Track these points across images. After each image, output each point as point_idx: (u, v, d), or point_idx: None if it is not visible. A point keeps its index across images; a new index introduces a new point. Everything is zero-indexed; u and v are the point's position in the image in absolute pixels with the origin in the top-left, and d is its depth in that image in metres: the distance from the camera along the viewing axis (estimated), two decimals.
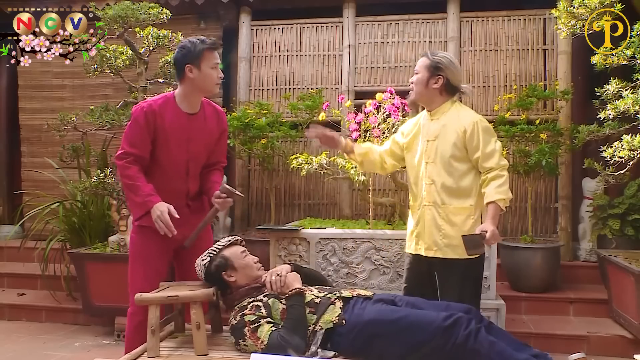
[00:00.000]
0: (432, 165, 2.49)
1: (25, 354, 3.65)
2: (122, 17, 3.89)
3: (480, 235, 2.33)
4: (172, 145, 2.51)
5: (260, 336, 2.07)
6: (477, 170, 2.47)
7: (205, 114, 2.61)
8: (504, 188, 2.38)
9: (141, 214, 2.47)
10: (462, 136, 2.44)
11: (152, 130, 2.47)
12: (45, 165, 5.17)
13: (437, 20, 4.95)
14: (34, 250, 4.50)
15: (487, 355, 1.95)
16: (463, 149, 2.45)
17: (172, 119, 2.50)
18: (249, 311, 2.15)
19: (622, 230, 4.23)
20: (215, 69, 2.50)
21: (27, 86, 5.70)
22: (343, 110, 4.54)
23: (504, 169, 2.41)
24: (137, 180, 2.45)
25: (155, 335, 2.15)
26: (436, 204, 2.48)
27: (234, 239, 2.43)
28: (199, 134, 2.57)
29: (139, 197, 2.45)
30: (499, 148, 2.44)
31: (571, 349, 2.67)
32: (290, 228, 3.58)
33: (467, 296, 2.41)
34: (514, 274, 4.13)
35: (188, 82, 2.49)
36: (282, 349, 2.00)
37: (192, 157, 2.58)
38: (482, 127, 2.44)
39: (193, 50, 2.44)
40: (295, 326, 2.09)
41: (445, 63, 2.49)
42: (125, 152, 2.46)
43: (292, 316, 2.12)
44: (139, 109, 2.49)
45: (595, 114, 3.43)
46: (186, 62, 2.45)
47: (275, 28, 5.20)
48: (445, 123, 2.49)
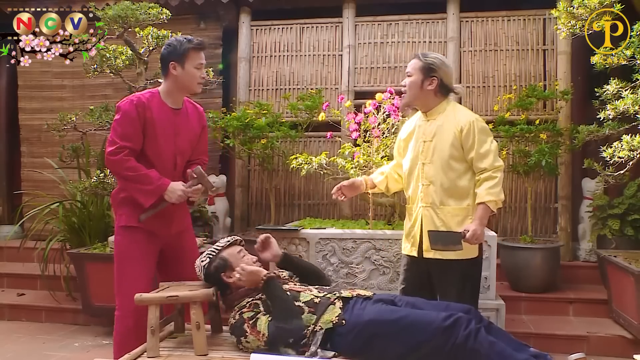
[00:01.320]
0: (430, 165, 2.49)
1: (25, 354, 3.65)
2: (121, 17, 3.89)
3: (459, 234, 2.32)
4: (160, 138, 2.53)
5: (260, 329, 2.09)
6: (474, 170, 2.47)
7: (187, 110, 2.67)
8: (495, 190, 2.36)
9: (154, 200, 2.49)
10: (458, 135, 2.44)
11: (142, 123, 2.50)
12: (45, 166, 5.17)
13: (437, 21, 4.95)
14: (33, 250, 4.50)
15: (487, 356, 1.95)
16: (460, 149, 2.45)
17: (159, 113, 2.54)
18: (247, 309, 2.17)
19: (621, 231, 4.23)
20: (199, 69, 2.56)
21: (27, 86, 5.70)
22: (343, 110, 4.55)
23: (498, 170, 2.40)
24: (140, 169, 2.48)
25: (155, 336, 2.15)
26: (434, 205, 2.47)
27: (233, 239, 2.43)
28: (183, 129, 2.62)
29: (150, 185, 2.47)
30: (494, 149, 2.43)
31: (571, 349, 2.66)
32: (290, 228, 3.58)
33: (465, 297, 2.41)
34: (513, 274, 4.13)
35: (172, 79, 2.55)
36: (283, 336, 2.05)
37: (179, 152, 2.62)
38: (478, 127, 2.43)
39: (178, 48, 2.51)
40: (283, 311, 2.11)
41: (438, 64, 2.48)
42: (119, 146, 2.46)
43: (274, 304, 2.14)
44: (127, 102, 2.51)
45: (595, 114, 3.43)
46: (171, 59, 2.51)
47: (275, 28, 5.20)
48: (442, 123, 2.49)
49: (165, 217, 2.58)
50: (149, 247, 2.58)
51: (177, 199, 2.49)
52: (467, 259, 2.42)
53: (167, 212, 2.56)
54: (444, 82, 2.50)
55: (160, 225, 2.58)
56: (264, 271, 2.24)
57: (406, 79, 2.55)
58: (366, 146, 3.65)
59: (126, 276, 2.54)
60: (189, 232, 2.80)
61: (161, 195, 2.49)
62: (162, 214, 2.55)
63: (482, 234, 2.37)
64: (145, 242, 2.55)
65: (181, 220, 2.70)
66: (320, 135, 4.89)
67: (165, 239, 2.63)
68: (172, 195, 2.49)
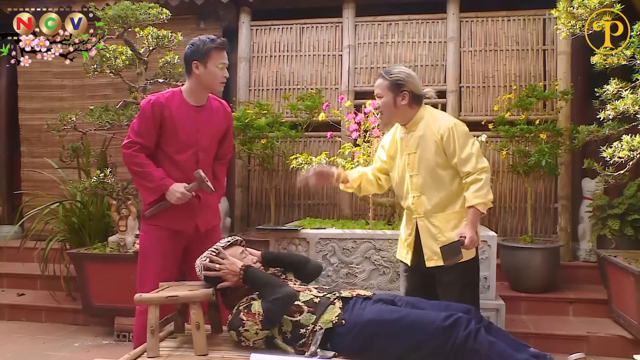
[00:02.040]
0: (417, 177, 2.50)
1: (25, 354, 3.65)
2: (121, 17, 3.89)
3: (459, 242, 2.34)
4: (180, 134, 2.60)
5: (254, 311, 2.11)
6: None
7: (211, 107, 2.72)
8: (482, 192, 2.37)
9: (155, 198, 2.57)
10: (440, 143, 2.45)
11: (159, 121, 2.57)
12: (45, 166, 5.17)
13: (437, 21, 4.95)
14: (33, 250, 4.50)
15: (487, 356, 1.95)
16: (444, 155, 2.46)
17: (179, 110, 2.60)
18: (244, 303, 2.19)
19: (621, 231, 4.22)
20: (222, 68, 2.60)
21: (27, 86, 5.70)
22: (343, 110, 4.55)
23: (482, 172, 2.39)
24: (146, 166, 2.55)
25: (155, 336, 2.15)
26: (427, 214, 2.49)
27: (234, 239, 2.44)
28: (206, 126, 2.67)
29: (152, 183, 2.55)
30: (476, 151, 2.42)
31: (571, 349, 2.66)
32: (290, 228, 3.58)
33: (466, 298, 2.42)
34: (513, 274, 4.13)
35: (194, 78, 2.60)
36: (277, 309, 2.09)
37: (201, 148, 2.66)
38: (457, 132, 2.43)
39: (201, 48, 2.55)
40: (268, 285, 2.16)
41: (404, 77, 2.48)
42: (131, 140, 2.58)
43: (258, 284, 2.18)
44: (146, 101, 2.62)
45: (594, 114, 3.43)
46: (193, 59, 2.57)
47: (275, 28, 5.20)
48: (422, 134, 2.49)
49: (190, 216, 2.63)
50: (170, 245, 2.63)
51: (177, 201, 2.53)
52: (465, 260, 2.44)
53: (192, 211, 2.61)
54: (415, 93, 2.50)
55: (184, 223, 2.63)
56: (241, 263, 2.26)
57: (377, 101, 2.55)
58: (366, 146, 3.65)
59: (147, 272, 2.60)
60: (216, 232, 2.82)
61: (163, 194, 2.54)
62: (186, 212, 2.59)
63: (478, 237, 2.39)
64: (168, 240, 2.61)
65: (210, 219, 2.74)
66: (320, 135, 4.89)
67: (190, 237, 2.67)
68: (172, 196, 2.53)
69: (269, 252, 2.59)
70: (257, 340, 2.14)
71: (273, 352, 2.12)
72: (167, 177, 2.56)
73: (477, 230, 2.40)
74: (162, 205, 2.57)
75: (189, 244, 2.69)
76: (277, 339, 2.16)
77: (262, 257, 2.47)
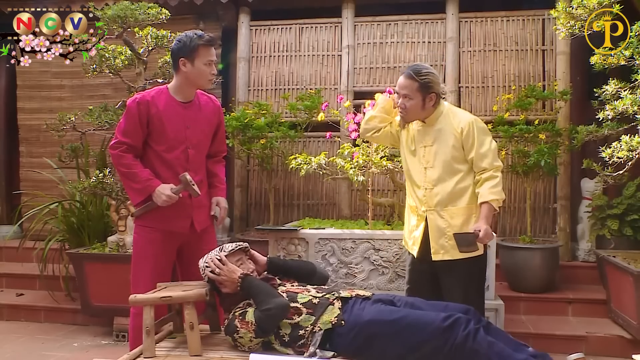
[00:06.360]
0: (432, 170, 2.52)
1: (24, 354, 3.64)
2: (121, 17, 3.89)
3: (474, 234, 2.36)
4: (169, 132, 2.55)
5: (247, 320, 2.11)
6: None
7: (199, 103, 2.68)
8: (497, 189, 2.41)
9: (141, 199, 2.53)
10: (459, 137, 2.47)
11: (146, 119, 2.53)
12: (44, 165, 5.16)
13: (436, 21, 4.95)
14: (32, 250, 4.50)
15: (486, 356, 1.96)
16: (461, 150, 2.48)
17: (166, 107, 2.56)
18: (240, 308, 2.20)
19: (620, 231, 4.22)
20: (209, 65, 2.55)
21: (26, 86, 5.69)
22: (342, 110, 4.54)
23: (498, 170, 2.45)
24: (133, 167, 2.52)
25: (151, 336, 2.15)
26: (438, 208, 2.50)
27: (239, 246, 2.40)
28: (195, 122, 2.63)
29: (138, 184, 2.51)
30: (493, 148, 2.47)
31: (570, 349, 2.66)
32: (289, 228, 3.58)
33: (471, 295, 2.45)
34: (512, 274, 4.13)
35: (181, 75, 2.56)
36: (269, 319, 2.08)
37: (191, 145, 2.62)
38: (477, 127, 2.47)
39: (188, 44, 2.51)
40: (261, 294, 2.15)
41: (432, 79, 2.49)
42: (118, 141, 2.54)
43: (253, 293, 2.17)
44: (132, 100, 2.58)
45: (594, 115, 3.43)
46: (180, 55, 2.52)
47: (274, 28, 5.20)
48: (441, 127, 2.52)
49: (185, 216, 2.59)
50: (164, 247, 2.59)
51: (163, 203, 2.48)
52: (474, 257, 2.45)
53: (186, 211, 2.58)
54: (440, 93, 2.53)
55: (179, 223, 2.59)
56: (240, 270, 2.26)
57: (403, 100, 2.52)
58: (365, 146, 3.65)
59: (140, 274, 2.57)
60: (210, 232, 2.78)
61: (149, 195, 2.50)
62: (181, 213, 2.56)
63: (491, 231, 2.42)
64: (161, 241, 2.57)
65: (205, 219, 2.70)
66: (319, 136, 4.89)
67: (185, 237, 2.63)
68: (158, 198, 2.48)
69: (276, 260, 2.55)
70: (253, 346, 2.15)
71: (272, 353, 2.12)
72: (154, 178, 2.52)
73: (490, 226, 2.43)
74: (149, 206, 2.53)
75: (183, 243, 2.66)
76: (275, 344, 2.16)
77: (268, 264, 2.46)
